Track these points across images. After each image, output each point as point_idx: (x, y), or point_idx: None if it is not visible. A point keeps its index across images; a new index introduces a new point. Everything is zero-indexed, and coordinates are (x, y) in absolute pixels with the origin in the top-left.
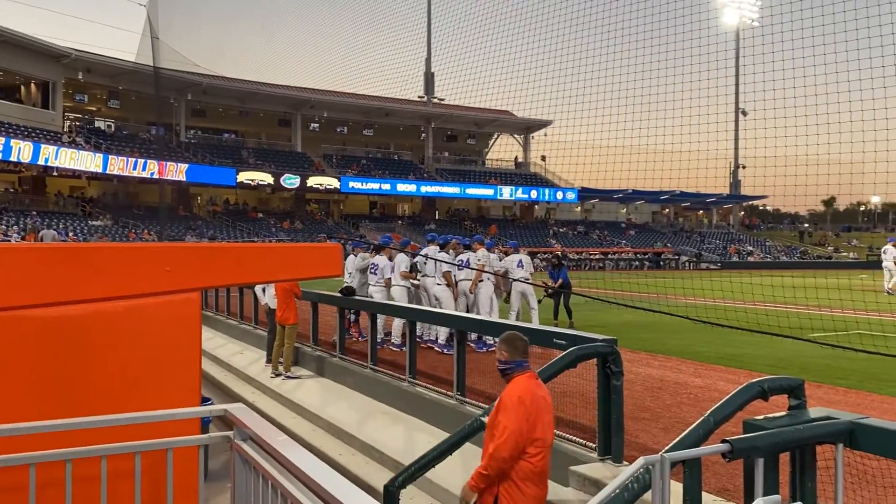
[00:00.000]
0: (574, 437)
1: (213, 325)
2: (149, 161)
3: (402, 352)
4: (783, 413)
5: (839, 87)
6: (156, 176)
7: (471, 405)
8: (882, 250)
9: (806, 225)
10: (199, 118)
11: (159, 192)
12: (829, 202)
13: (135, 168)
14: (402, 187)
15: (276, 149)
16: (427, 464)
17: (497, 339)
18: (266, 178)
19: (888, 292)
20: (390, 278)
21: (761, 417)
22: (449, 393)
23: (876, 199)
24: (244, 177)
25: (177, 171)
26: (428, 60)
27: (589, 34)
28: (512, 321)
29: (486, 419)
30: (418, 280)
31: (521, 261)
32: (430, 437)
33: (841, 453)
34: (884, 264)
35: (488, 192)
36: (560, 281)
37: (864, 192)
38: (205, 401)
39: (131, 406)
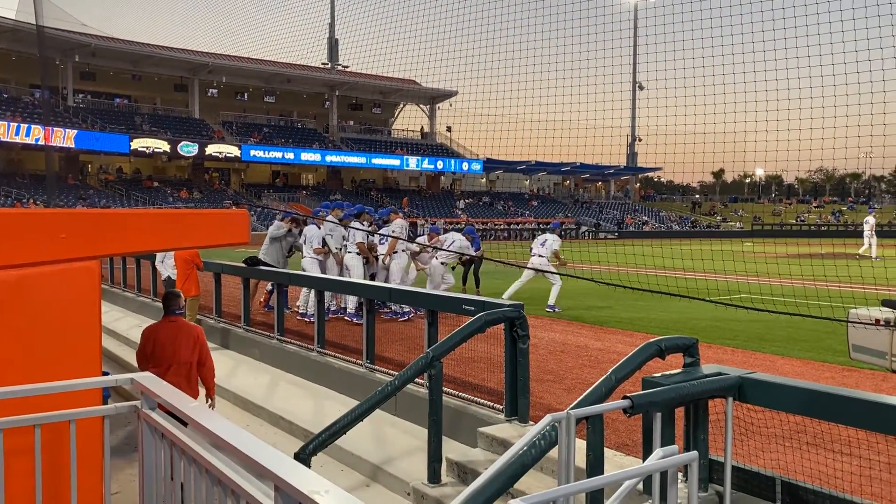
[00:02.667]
0: (482, 400)
1: (110, 299)
2: (33, 126)
3: (357, 324)
4: (679, 370)
5: (725, 61)
6: (41, 142)
7: (381, 373)
8: (864, 221)
9: (697, 196)
10: (89, 82)
11: (46, 160)
12: (718, 174)
13: (17, 133)
14: (307, 156)
15: (172, 115)
16: (338, 431)
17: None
18: (162, 145)
19: (876, 258)
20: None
21: (659, 375)
22: (359, 361)
23: (760, 172)
24: (138, 144)
25: (64, 138)
26: (332, 26)
27: (492, 5)
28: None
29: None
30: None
31: (454, 240)
32: (340, 405)
33: (731, 406)
34: (864, 233)
35: (395, 162)
36: (478, 250)
37: (750, 164)
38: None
39: (28, 378)
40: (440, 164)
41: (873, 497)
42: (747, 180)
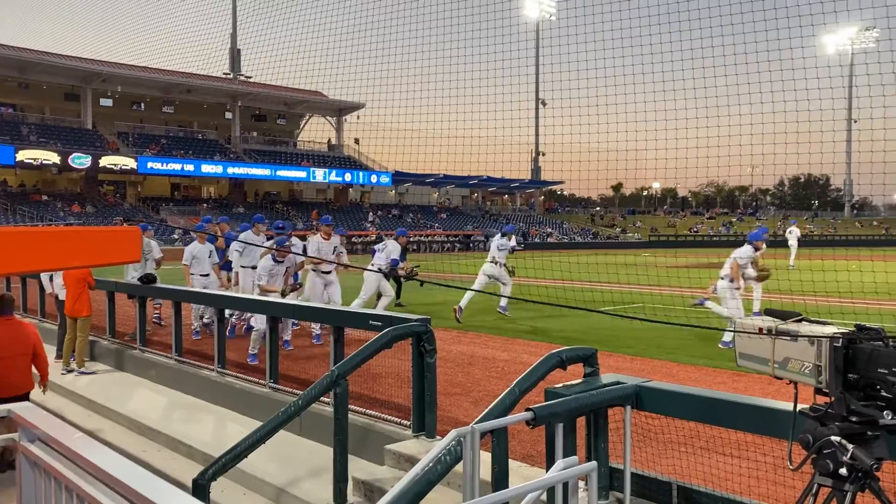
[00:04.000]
0: (389, 417)
1: None
2: None
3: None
4: (579, 381)
5: (625, 81)
6: None
7: (285, 392)
8: (787, 231)
9: (597, 208)
10: None
11: None
12: (617, 188)
13: None
14: (208, 168)
15: (62, 125)
16: (239, 454)
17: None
18: (51, 156)
19: (791, 266)
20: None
21: (560, 385)
22: (261, 381)
23: (656, 185)
24: (25, 155)
25: None
26: (234, 36)
27: (400, 20)
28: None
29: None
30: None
31: (387, 248)
32: (242, 427)
33: (629, 415)
34: (789, 242)
35: (301, 174)
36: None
37: (646, 178)
38: None
39: None
40: (348, 177)
41: (761, 497)
42: (644, 193)
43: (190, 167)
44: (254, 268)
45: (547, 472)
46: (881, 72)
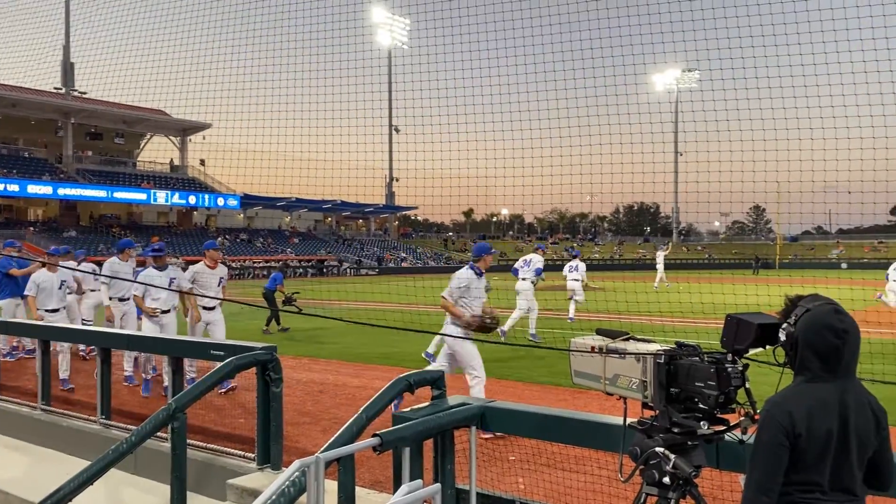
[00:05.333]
0: (232, 450)
1: None
2: None
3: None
4: (427, 404)
5: (475, 111)
6: None
7: (118, 429)
8: (656, 254)
9: (450, 233)
10: None
11: None
12: (468, 213)
13: None
14: (35, 189)
15: None
16: (64, 497)
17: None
18: None
19: (657, 287)
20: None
21: (408, 409)
22: (92, 418)
23: (505, 211)
24: None
25: None
26: (66, 48)
27: (250, 40)
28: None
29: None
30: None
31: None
32: (71, 468)
33: (475, 435)
34: (658, 267)
35: (141, 196)
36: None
37: (496, 204)
38: None
39: None
40: (193, 199)
41: None
42: (494, 219)
43: (14, 187)
44: (122, 300)
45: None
46: (704, 109)
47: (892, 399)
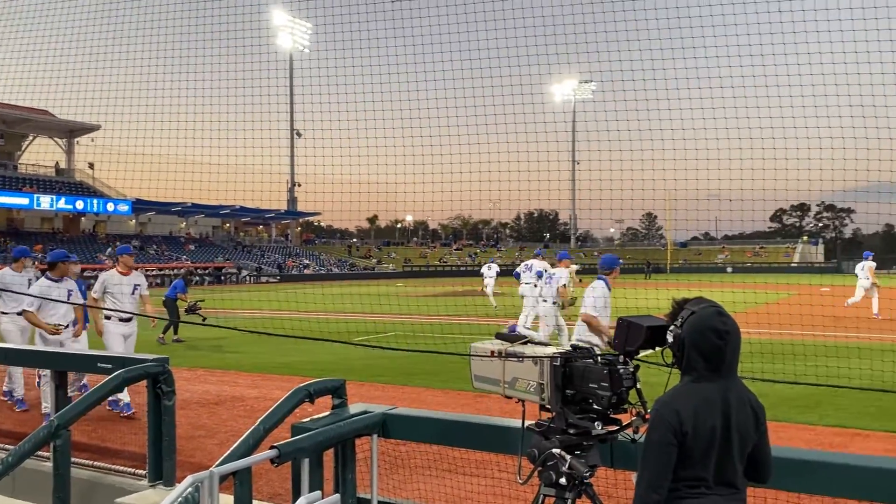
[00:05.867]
0: (122, 467)
1: None
2: None
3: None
4: (327, 413)
5: (376, 116)
6: None
7: None
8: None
9: (354, 240)
10: None
11: None
12: (372, 220)
13: None
14: None
15: None
16: None
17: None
18: None
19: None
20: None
21: (308, 420)
22: None
23: (410, 218)
24: None
25: None
26: None
27: (142, 38)
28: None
29: None
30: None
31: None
32: None
33: (376, 443)
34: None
35: (23, 200)
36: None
37: (400, 210)
38: None
39: None
40: (80, 205)
41: None
42: (398, 226)
43: None
44: (19, 314)
45: None
46: (596, 119)
47: (769, 395)
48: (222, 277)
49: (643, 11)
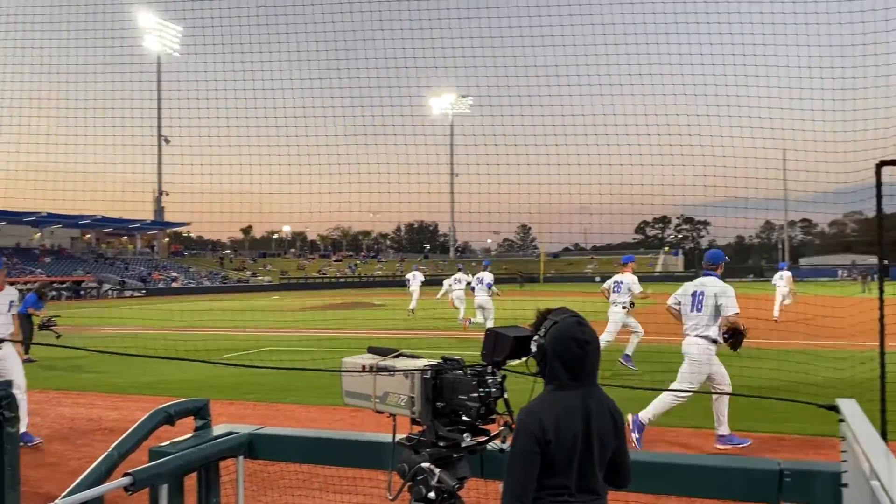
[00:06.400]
0: None
1: None
2: None
3: None
4: (189, 436)
5: (249, 124)
6: None
7: None
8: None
9: (227, 251)
10: None
11: None
12: (247, 230)
13: None
14: None
15: None
16: None
17: None
18: None
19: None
20: None
21: (167, 443)
22: None
23: (287, 229)
24: None
25: None
26: None
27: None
28: None
29: None
30: None
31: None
32: None
33: (241, 465)
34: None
35: None
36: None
37: (277, 221)
38: None
39: None
40: None
41: None
42: (275, 236)
43: None
44: None
45: None
46: (474, 133)
47: (635, 398)
48: (82, 292)
49: (518, 28)
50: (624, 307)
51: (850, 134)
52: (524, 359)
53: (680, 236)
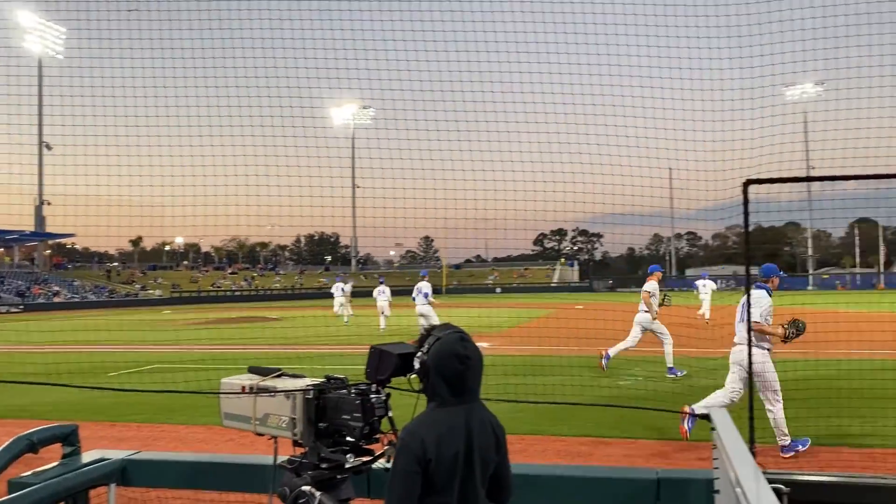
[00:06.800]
0: None
1: None
2: None
3: None
4: (55, 464)
5: (143, 132)
6: None
7: None
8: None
9: (115, 263)
10: None
11: None
12: (136, 241)
13: None
14: None
15: None
16: None
17: None
18: None
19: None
20: None
21: (29, 473)
22: None
23: (180, 240)
24: None
25: None
26: None
27: None
28: None
29: None
30: None
31: None
32: None
33: (114, 493)
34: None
35: None
36: None
37: (170, 233)
38: None
39: None
40: None
41: None
42: (167, 248)
43: None
44: None
45: None
46: (379, 146)
47: (526, 409)
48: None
49: (422, 42)
50: (646, 311)
51: (724, 154)
52: (409, 376)
53: (576, 248)
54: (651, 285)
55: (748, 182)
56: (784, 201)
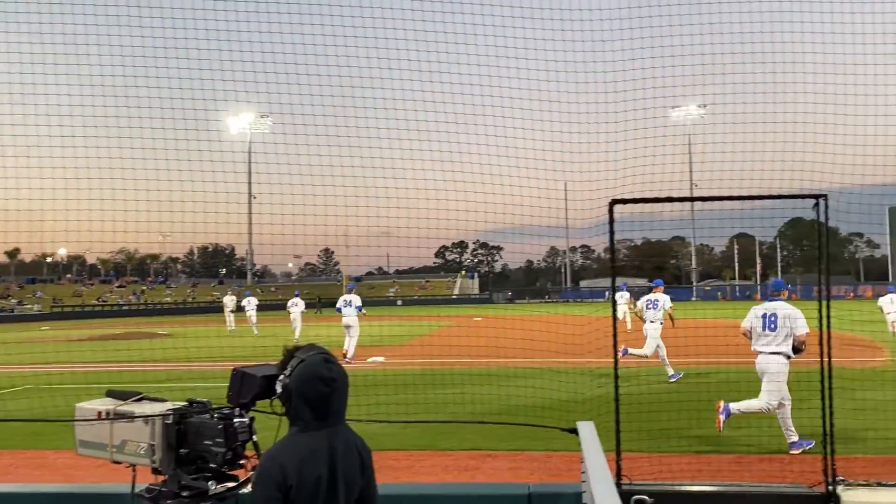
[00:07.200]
0: None
1: None
2: None
3: None
4: None
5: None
6: None
7: None
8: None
9: None
10: None
11: None
12: (13, 253)
13: None
14: None
15: None
16: None
17: None
18: None
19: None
20: None
21: None
22: None
23: (63, 252)
24: None
25: None
26: None
27: None
28: None
29: None
30: None
31: None
32: None
33: None
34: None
35: None
36: None
37: (50, 243)
38: None
39: None
40: None
41: None
42: (48, 260)
43: None
44: None
45: None
46: (277, 153)
47: (415, 425)
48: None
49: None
50: (661, 323)
51: (608, 174)
52: (273, 399)
53: (476, 260)
54: (662, 297)
55: (613, 202)
56: (667, 220)
